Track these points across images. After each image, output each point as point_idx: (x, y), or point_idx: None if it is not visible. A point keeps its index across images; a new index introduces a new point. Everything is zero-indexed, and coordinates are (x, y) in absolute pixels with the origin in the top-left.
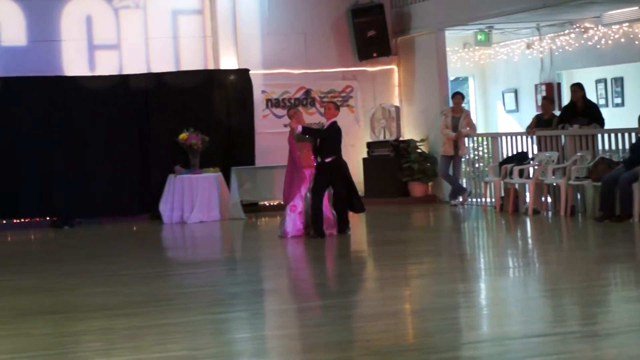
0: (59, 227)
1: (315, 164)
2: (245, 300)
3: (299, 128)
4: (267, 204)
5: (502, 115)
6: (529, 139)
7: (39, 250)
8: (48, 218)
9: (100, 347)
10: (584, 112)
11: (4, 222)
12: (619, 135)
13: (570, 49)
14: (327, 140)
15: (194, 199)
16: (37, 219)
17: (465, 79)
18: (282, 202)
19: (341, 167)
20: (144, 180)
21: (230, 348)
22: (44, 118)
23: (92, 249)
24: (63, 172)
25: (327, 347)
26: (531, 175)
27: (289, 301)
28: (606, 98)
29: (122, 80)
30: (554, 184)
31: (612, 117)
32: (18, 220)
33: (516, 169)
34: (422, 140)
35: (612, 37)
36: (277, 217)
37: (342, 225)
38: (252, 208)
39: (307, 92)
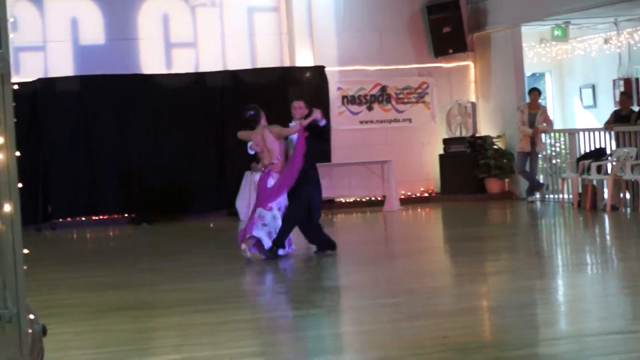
0: (138, 224)
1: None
2: (322, 297)
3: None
4: (343, 201)
5: (579, 111)
6: (607, 135)
7: (117, 247)
8: (126, 215)
9: (177, 343)
10: None
11: (83, 219)
12: None
13: None
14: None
15: None
16: (116, 216)
17: (542, 75)
18: (357, 199)
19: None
20: (220, 177)
21: (305, 345)
22: (121, 116)
23: (169, 245)
24: (141, 169)
25: (404, 343)
26: (609, 172)
27: (364, 297)
28: None
29: (199, 78)
30: (633, 180)
31: None
32: (97, 218)
33: (594, 165)
34: (498, 137)
35: None
36: (353, 214)
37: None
38: (327, 205)
39: (383, 88)
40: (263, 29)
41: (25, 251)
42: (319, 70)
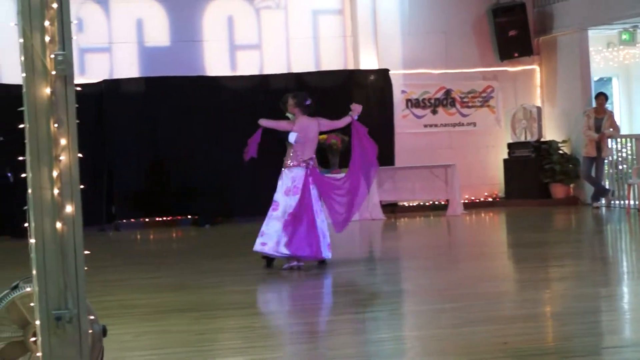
0: (201, 225)
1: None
2: (384, 300)
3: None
4: (406, 205)
5: None
6: None
7: (180, 249)
8: (190, 216)
9: (237, 346)
10: None
11: (147, 220)
12: None
13: None
14: None
15: None
16: (179, 218)
17: (609, 80)
18: (421, 203)
19: None
20: None
21: (368, 348)
22: (185, 117)
23: (231, 247)
24: (204, 171)
25: (464, 348)
26: None
27: (427, 302)
28: None
29: (263, 80)
30: None
31: None
32: (160, 219)
33: None
34: (564, 142)
35: None
36: (416, 218)
37: None
38: (391, 208)
39: (447, 92)
40: (327, 32)
41: (86, 252)
42: (383, 73)
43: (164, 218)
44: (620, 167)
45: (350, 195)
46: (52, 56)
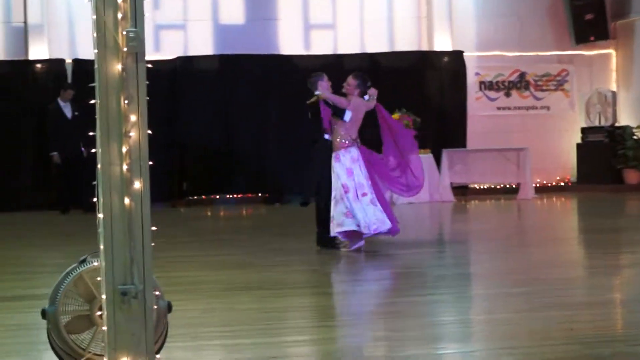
0: (271, 203)
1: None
2: (451, 283)
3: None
4: (478, 187)
5: None
6: None
7: (249, 226)
8: (260, 194)
9: (302, 325)
10: None
11: (217, 197)
12: None
13: None
14: None
15: None
16: (249, 195)
17: None
18: (492, 186)
19: None
20: None
21: (433, 331)
22: (259, 96)
23: (300, 226)
24: (276, 149)
25: (530, 334)
26: None
27: (495, 286)
28: None
29: (337, 60)
30: None
31: None
32: (231, 196)
33: None
34: (638, 127)
35: None
36: (487, 201)
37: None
38: (462, 191)
39: (522, 75)
40: (402, 13)
41: (154, 228)
42: (457, 55)
43: (235, 195)
44: None
45: (400, 166)
46: (124, 33)
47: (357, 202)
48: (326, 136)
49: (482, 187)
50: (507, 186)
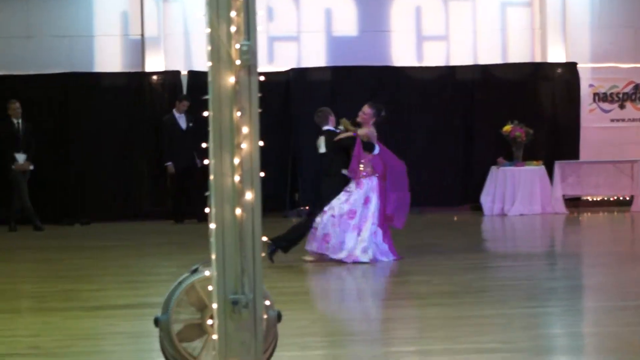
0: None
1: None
2: (561, 295)
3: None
4: (590, 199)
5: None
6: None
7: None
8: None
9: (411, 335)
10: None
11: None
12: None
13: None
14: None
15: (515, 192)
16: None
17: None
18: (605, 198)
19: None
20: (466, 171)
21: (542, 343)
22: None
23: (410, 238)
24: None
25: (638, 348)
26: None
27: (606, 299)
28: None
29: (449, 72)
30: None
31: None
32: None
33: None
34: None
35: None
36: (599, 213)
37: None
38: (574, 203)
39: (637, 86)
40: (515, 24)
41: (265, 239)
42: (570, 67)
43: None
44: None
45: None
46: (237, 46)
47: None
48: (344, 172)
49: (594, 199)
50: (621, 198)
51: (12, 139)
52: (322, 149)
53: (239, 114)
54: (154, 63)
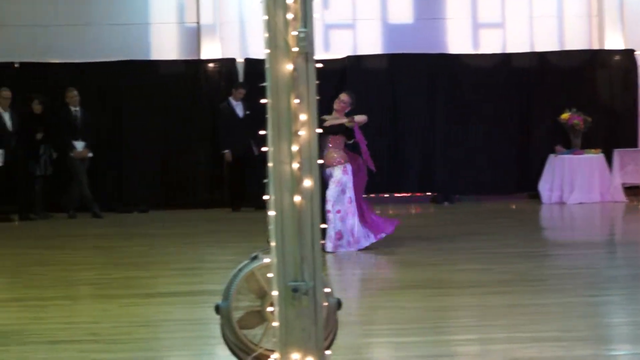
0: (439, 202)
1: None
2: (622, 284)
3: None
4: None
5: None
6: None
7: (417, 225)
8: (429, 193)
9: (471, 324)
10: None
11: (386, 195)
12: None
13: None
14: None
15: (574, 180)
16: (418, 194)
17: None
18: None
19: None
20: (523, 159)
21: (603, 332)
22: (427, 95)
23: (469, 225)
24: (444, 148)
25: None
26: None
27: None
28: None
29: (505, 59)
30: None
31: None
32: (399, 195)
33: None
34: None
35: None
36: None
37: None
38: (633, 191)
39: None
40: (572, 10)
41: (323, 226)
42: (628, 54)
43: (403, 194)
44: None
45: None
46: (295, 33)
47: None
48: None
49: None
50: None
51: (70, 127)
52: None
53: (296, 101)
54: (210, 51)
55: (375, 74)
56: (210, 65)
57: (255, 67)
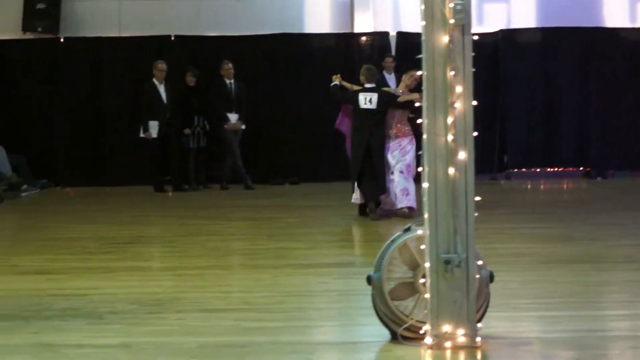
0: (592, 178)
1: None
2: None
3: None
4: None
5: None
6: None
7: (570, 200)
8: (582, 168)
9: (623, 299)
10: None
11: (538, 170)
12: None
13: None
14: None
15: None
16: (571, 169)
17: None
18: None
19: None
20: None
21: None
22: (581, 69)
23: (623, 201)
24: (599, 123)
25: None
26: None
27: None
28: None
29: None
30: None
31: None
32: (552, 169)
33: None
34: None
35: None
36: None
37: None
38: None
39: None
40: None
41: (477, 198)
42: None
43: (556, 169)
44: None
45: None
46: (451, 5)
47: None
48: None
49: None
50: None
51: (225, 99)
52: (373, 106)
53: (452, 73)
54: (363, 24)
55: (529, 47)
56: (363, 38)
57: (407, 40)
